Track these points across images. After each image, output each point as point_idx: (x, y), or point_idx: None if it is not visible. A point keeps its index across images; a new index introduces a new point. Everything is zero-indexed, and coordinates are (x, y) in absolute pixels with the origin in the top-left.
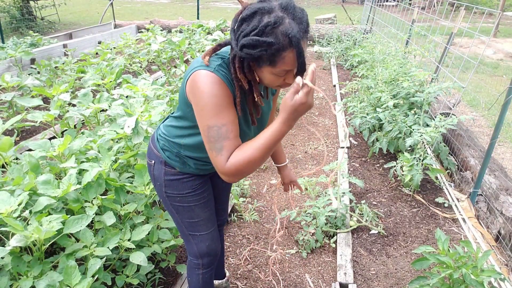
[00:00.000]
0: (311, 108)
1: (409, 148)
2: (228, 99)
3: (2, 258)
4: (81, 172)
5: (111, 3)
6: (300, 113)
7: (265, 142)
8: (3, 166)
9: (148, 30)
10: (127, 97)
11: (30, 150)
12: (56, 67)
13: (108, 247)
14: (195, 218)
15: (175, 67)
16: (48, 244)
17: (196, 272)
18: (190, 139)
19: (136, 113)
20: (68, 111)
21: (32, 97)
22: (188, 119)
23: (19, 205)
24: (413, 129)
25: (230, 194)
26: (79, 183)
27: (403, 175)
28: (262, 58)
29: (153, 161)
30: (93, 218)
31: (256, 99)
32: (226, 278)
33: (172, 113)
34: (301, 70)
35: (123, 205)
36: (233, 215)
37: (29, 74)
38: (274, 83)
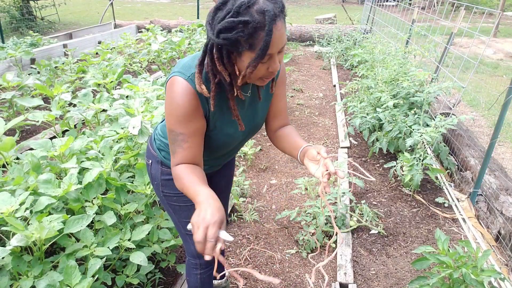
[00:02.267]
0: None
1: (409, 148)
2: (195, 111)
3: (3, 258)
4: (81, 171)
5: (111, 3)
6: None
7: (186, 190)
8: (3, 166)
9: (148, 30)
10: (127, 97)
11: (30, 149)
12: (56, 67)
13: (108, 247)
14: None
15: None
16: (49, 244)
17: (194, 272)
18: None
19: (139, 113)
20: (68, 111)
21: (32, 97)
22: None
23: (21, 204)
24: (413, 129)
25: (230, 195)
26: (80, 182)
27: (403, 175)
28: (240, 41)
29: (150, 161)
30: (93, 218)
31: (235, 94)
32: (225, 278)
33: None
34: (281, 50)
35: (124, 204)
36: (233, 215)
37: (29, 74)
38: (257, 73)
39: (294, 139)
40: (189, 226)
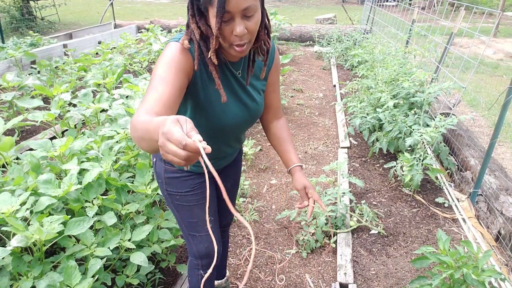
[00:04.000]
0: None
1: (409, 148)
2: (182, 63)
3: (3, 258)
4: (81, 171)
5: (111, 3)
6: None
7: (145, 126)
8: (3, 166)
9: (148, 30)
10: (127, 97)
11: (30, 149)
12: (56, 67)
13: (108, 247)
14: (194, 218)
15: None
16: (49, 245)
17: (196, 272)
18: None
19: None
20: (68, 111)
21: (32, 97)
22: (181, 114)
23: (21, 205)
24: (413, 129)
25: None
26: (80, 183)
27: (403, 175)
28: None
29: (155, 159)
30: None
31: (209, 56)
32: (226, 278)
33: None
34: (247, 13)
35: (124, 204)
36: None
37: (29, 74)
38: (225, 36)
39: (286, 153)
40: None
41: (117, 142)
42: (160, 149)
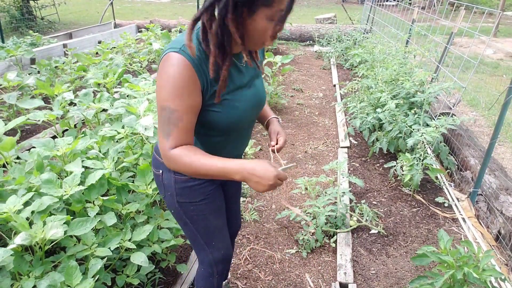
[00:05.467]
0: (260, 190)
1: (409, 148)
2: (190, 84)
3: (4, 258)
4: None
5: (111, 3)
6: (254, 181)
7: (210, 168)
8: (4, 166)
9: (148, 29)
10: (127, 96)
11: (30, 149)
12: (56, 67)
13: (109, 248)
14: (210, 226)
15: None
16: (51, 245)
17: (210, 280)
18: (197, 141)
19: (142, 112)
20: (68, 110)
21: (33, 97)
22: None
23: (24, 205)
24: (413, 129)
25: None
26: (82, 183)
27: (403, 175)
28: None
29: (160, 171)
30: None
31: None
32: (227, 280)
33: None
34: (289, 9)
35: (124, 204)
36: None
37: (29, 74)
38: (263, 34)
39: (262, 112)
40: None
41: (117, 141)
42: (268, 187)
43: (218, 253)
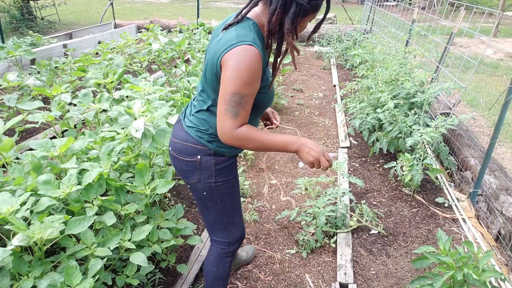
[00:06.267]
0: (309, 159)
1: (409, 148)
2: (259, 73)
3: (3, 258)
4: (81, 171)
5: (111, 3)
6: (305, 151)
7: (274, 141)
8: (3, 166)
9: (148, 29)
10: (127, 97)
11: (30, 149)
12: (56, 67)
13: (109, 248)
14: (234, 204)
15: (175, 67)
16: (49, 245)
17: (224, 260)
18: None
19: (140, 115)
20: (68, 111)
21: (33, 97)
22: None
23: (21, 205)
24: (413, 129)
25: None
26: (80, 183)
27: (403, 175)
28: (318, 6)
29: (198, 156)
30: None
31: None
32: None
33: (199, 109)
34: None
35: (124, 205)
36: None
37: (29, 74)
38: (301, 30)
39: None
40: (300, 164)
41: (118, 143)
42: (314, 158)
43: (237, 231)
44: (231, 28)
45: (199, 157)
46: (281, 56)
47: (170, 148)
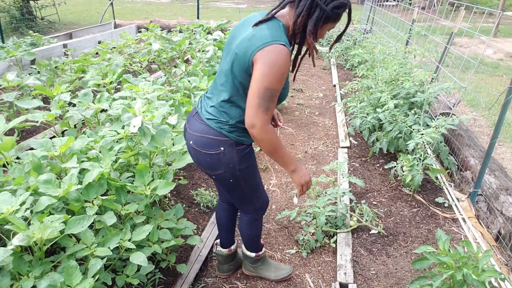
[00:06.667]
0: (301, 181)
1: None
2: (287, 71)
3: (3, 259)
4: (82, 171)
5: (111, 3)
6: (299, 175)
7: (286, 153)
8: (4, 166)
9: (148, 29)
10: (126, 98)
11: (31, 149)
12: (56, 67)
13: (109, 247)
14: (257, 181)
15: (175, 66)
16: (49, 245)
17: (255, 223)
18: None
19: (139, 113)
20: (68, 110)
21: (33, 97)
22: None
23: (21, 205)
24: (413, 129)
25: None
26: (80, 182)
27: (403, 175)
28: (340, 14)
29: (221, 148)
30: (93, 218)
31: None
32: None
33: (219, 101)
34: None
35: (124, 205)
36: None
37: (29, 74)
38: (321, 37)
39: None
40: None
41: (117, 142)
42: (305, 182)
43: (262, 201)
44: (263, 26)
45: (222, 148)
46: (301, 55)
47: (191, 142)
